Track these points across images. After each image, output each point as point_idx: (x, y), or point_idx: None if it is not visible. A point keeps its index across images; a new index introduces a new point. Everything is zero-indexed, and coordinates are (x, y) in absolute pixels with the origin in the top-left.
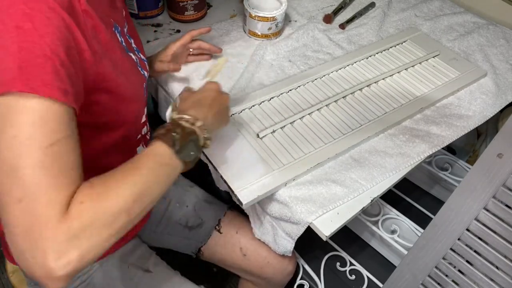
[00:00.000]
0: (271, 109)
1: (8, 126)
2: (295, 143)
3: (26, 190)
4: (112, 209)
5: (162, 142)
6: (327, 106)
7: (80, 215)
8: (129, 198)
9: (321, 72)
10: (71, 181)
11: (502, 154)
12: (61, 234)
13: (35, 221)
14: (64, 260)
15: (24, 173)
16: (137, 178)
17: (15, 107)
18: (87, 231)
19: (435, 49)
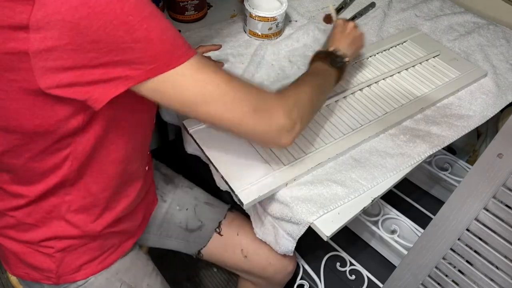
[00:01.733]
0: None
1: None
2: (295, 143)
3: (254, 100)
4: (306, 96)
5: (319, 61)
6: (327, 106)
7: (293, 95)
8: (313, 87)
9: None
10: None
11: (502, 154)
12: (285, 108)
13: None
14: (291, 120)
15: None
16: (312, 77)
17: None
18: (298, 105)
19: (436, 49)
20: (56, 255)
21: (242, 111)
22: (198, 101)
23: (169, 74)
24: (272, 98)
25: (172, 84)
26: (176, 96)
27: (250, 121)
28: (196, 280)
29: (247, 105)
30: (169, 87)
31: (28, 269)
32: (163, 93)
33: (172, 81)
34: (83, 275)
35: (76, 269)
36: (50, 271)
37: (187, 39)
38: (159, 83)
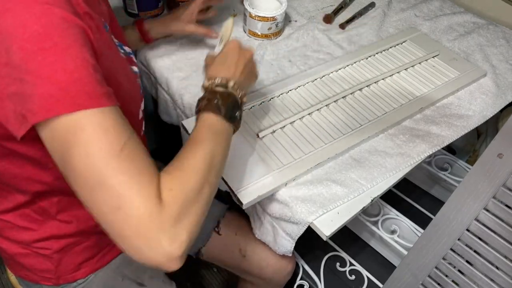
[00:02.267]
0: (271, 109)
1: (75, 147)
2: (295, 143)
3: (120, 198)
4: (196, 185)
5: (209, 112)
6: (327, 106)
7: (175, 200)
8: (205, 170)
9: (321, 72)
10: (153, 173)
11: (502, 154)
12: (167, 222)
13: (140, 220)
14: (177, 242)
15: (112, 184)
16: (202, 151)
17: (73, 128)
18: (185, 212)
19: (435, 49)
20: (54, 256)
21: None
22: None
23: (60, 120)
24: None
25: (60, 131)
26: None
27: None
28: (196, 280)
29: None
30: (55, 135)
31: (27, 271)
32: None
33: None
34: (82, 274)
35: (75, 268)
36: (49, 271)
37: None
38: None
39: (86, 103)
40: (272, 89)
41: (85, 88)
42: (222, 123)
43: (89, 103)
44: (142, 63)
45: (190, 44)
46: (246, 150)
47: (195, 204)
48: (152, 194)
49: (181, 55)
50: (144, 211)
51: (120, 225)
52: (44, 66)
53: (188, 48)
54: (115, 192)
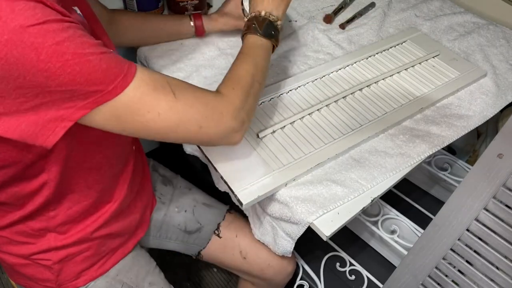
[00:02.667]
0: (271, 109)
1: (145, 115)
2: (295, 143)
3: (197, 122)
4: (249, 83)
5: (249, 34)
6: (327, 106)
7: (237, 96)
8: (253, 72)
9: (321, 72)
10: (203, 90)
11: (502, 154)
12: (234, 110)
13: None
14: (238, 121)
15: (187, 118)
16: (249, 59)
17: (131, 103)
18: (245, 102)
19: (435, 49)
20: (54, 266)
21: (191, 127)
22: (146, 124)
23: (114, 103)
24: (218, 103)
25: (122, 111)
26: (130, 122)
27: (202, 131)
28: (196, 280)
29: (197, 120)
30: (120, 115)
31: (27, 280)
32: (116, 122)
33: (119, 109)
34: (83, 282)
35: (76, 277)
36: (50, 281)
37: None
38: (105, 113)
39: (124, 81)
40: (272, 89)
41: (117, 69)
42: (261, 39)
43: (126, 79)
44: (142, 63)
45: (190, 44)
46: (246, 150)
47: (250, 96)
48: (214, 103)
49: (181, 55)
50: (217, 117)
51: (205, 137)
52: (76, 74)
53: (188, 48)
54: (192, 121)
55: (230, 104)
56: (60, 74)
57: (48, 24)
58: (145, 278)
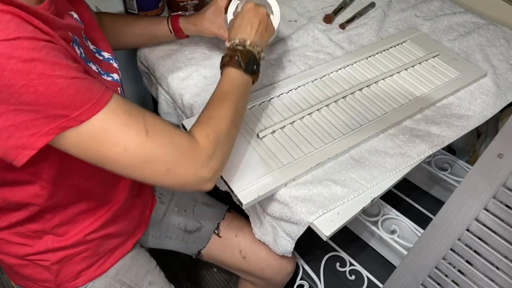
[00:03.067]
0: (271, 109)
1: (110, 148)
2: (295, 143)
3: (165, 164)
4: (226, 129)
5: (232, 67)
6: (327, 106)
7: (211, 143)
8: (232, 116)
9: (321, 72)
10: (177, 131)
11: (502, 154)
12: (206, 160)
13: (186, 170)
14: (213, 171)
15: (155, 159)
16: (228, 101)
17: (97, 134)
18: (219, 150)
19: (435, 49)
20: (53, 267)
21: (158, 169)
22: (111, 157)
23: (75, 131)
24: (190, 150)
25: (87, 139)
26: (95, 152)
27: (169, 175)
28: (196, 280)
29: (165, 162)
30: (85, 143)
31: (26, 280)
32: (82, 150)
33: (85, 137)
34: (82, 282)
35: (75, 277)
36: (49, 281)
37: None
38: (66, 139)
39: (93, 109)
40: (272, 89)
41: (85, 96)
42: (243, 75)
43: (95, 107)
44: (142, 63)
45: (190, 44)
46: (246, 150)
47: (226, 143)
48: (188, 146)
49: (181, 55)
50: (187, 163)
51: (172, 181)
52: (39, 94)
53: (188, 48)
54: (160, 163)
55: (203, 152)
56: (23, 92)
57: (19, 41)
58: (144, 278)
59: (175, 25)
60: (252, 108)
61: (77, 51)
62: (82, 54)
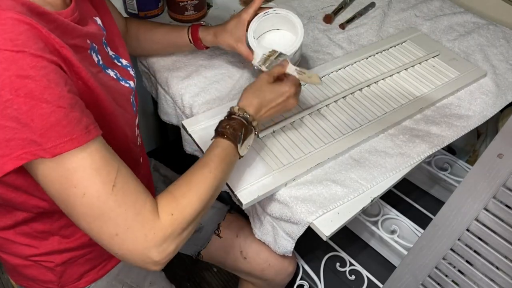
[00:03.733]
0: None
1: (71, 188)
2: (295, 143)
3: (118, 227)
4: (195, 211)
5: (230, 142)
6: (327, 106)
7: (173, 224)
8: (208, 200)
9: (321, 72)
10: (145, 196)
11: (502, 154)
12: (160, 239)
13: (135, 243)
14: (165, 254)
15: (109, 217)
16: (213, 180)
17: (64, 170)
18: (180, 232)
19: (435, 49)
20: (57, 268)
21: (106, 229)
22: (67, 197)
23: (42, 162)
24: (148, 222)
25: (51, 172)
26: (53, 187)
27: (116, 239)
28: (196, 280)
29: (117, 225)
30: (48, 176)
31: (29, 281)
32: (43, 181)
33: (51, 170)
34: (84, 283)
35: (78, 278)
36: (52, 282)
37: None
38: (31, 166)
39: (68, 145)
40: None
41: (65, 129)
42: (236, 153)
43: (71, 144)
44: (142, 63)
45: None
46: None
47: (191, 224)
48: (146, 218)
49: (181, 55)
50: (139, 235)
51: (119, 247)
52: (21, 114)
53: None
54: (112, 223)
55: (160, 231)
56: (7, 106)
57: (22, 55)
58: (146, 278)
59: (195, 34)
60: None
61: (95, 59)
62: (100, 61)
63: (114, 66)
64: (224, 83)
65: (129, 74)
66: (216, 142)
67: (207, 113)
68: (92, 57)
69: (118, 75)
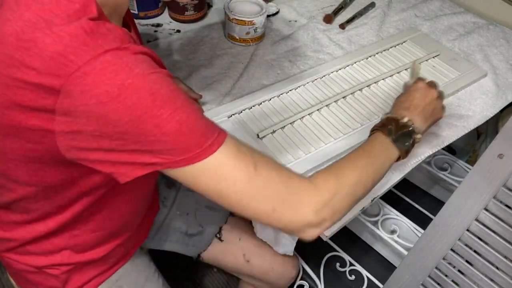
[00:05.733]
0: (271, 109)
1: (222, 182)
2: (295, 143)
3: (273, 202)
4: (351, 182)
5: (380, 133)
6: (327, 106)
7: (328, 189)
8: (361, 174)
9: (321, 72)
10: (285, 168)
11: (502, 154)
12: (317, 203)
13: (294, 211)
14: (318, 218)
15: (263, 195)
16: (364, 159)
17: (212, 169)
18: (335, 199)
19: (435, 49)
20: (62, 276)
21: (263, 207)
22: (219, 191)
23: (198, 165)
24: (301, 189)
25: (201, 174)
26: (205, 185)
27: (274, 214)
28: (196, 280)
29: (272, 200)
30: (198, 177)
31: (32, 286)
32: (193, 181)
33: (200, 171)
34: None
35: (81, 286)
36: None
37: (187, 39)
38: (187, 172)
39: (208, 150)
40: (272, 89)
41: (212, 128)
42: (390, 145)
43: (211, 148)
44: None
45: (190, 45)
46: None
47: (346, 197)
48: (297, 187)
49: (181, 56)
50: (295, 203)
51: (276, 221)
52: (181, 123)
53: (188, 48)
54: (267, 200)
55: (316, 195)
56: (169, 121)
57: (161, 73)
58: (144, 284)
59: None
60: (252, 108)
61: None
62: None
63: None
64: (224, 83)
65: None
66: (370, 136)
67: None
68: None
69: None
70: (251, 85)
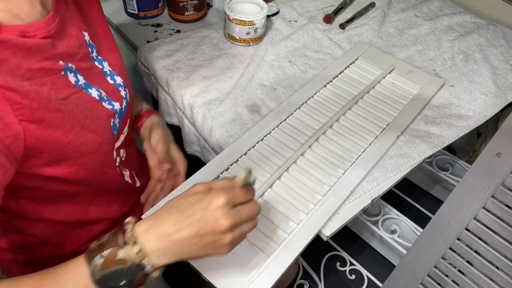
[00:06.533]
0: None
1: None
2: (289, 202)
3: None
4: None
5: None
6: (302, 155)
7: None
8: None
9: (288, 110)
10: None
11: (501, 153)
12: None
13: None
14: None
15: None
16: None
17: None
18: None
19: (389, 63)
20: None
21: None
22: None
23: None
24: None
25: None
26: None
27: None
28: (196, 280)
29: None
30: None
31: None
32: None
33: None
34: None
35: None
36: None
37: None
38: None
39: None
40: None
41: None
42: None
43: None
44: (143, 63)
45: (190, 45)
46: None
47: None
48: None
49: (182, 55)
50: None
51: None
52: None
53: (188, 48)
54: None
55: None
56: None
57: None
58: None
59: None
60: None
61: (72, 79)
62: (79, 81)
63: (103, 84)
64: (224, 83)
65: (118, 94)
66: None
67: None
68: (68, 78)
69: (102, 95)
70: (251, 85)
